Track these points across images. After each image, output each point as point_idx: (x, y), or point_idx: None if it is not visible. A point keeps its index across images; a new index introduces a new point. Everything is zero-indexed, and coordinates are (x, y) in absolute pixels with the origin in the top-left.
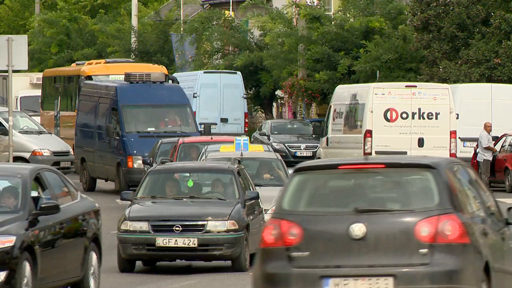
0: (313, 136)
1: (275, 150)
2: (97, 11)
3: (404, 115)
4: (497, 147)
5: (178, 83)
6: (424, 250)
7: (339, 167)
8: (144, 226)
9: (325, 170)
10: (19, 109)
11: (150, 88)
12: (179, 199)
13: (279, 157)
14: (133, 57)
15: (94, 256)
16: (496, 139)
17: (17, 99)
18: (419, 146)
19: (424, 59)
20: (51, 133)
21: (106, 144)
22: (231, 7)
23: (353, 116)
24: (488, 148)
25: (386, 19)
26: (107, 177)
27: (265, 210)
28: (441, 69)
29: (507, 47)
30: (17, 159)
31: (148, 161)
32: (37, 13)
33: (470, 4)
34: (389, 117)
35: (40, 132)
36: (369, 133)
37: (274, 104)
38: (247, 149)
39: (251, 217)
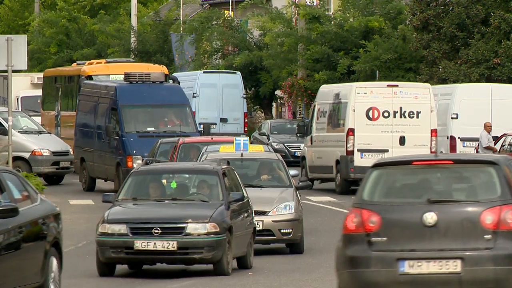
0: (298, 135)
1: (275, 150)
2: (97, 11)
3: (386, 114)
4: (497, 147)
5: (179, 83)
6: (488, 236)
7: (413, 163)
8: (122, 229)
9: (400, 165)
10: (20, 109)
11: (149, 88)
12: (160, 201)
13: (280, 158)
14: (133, 57)
15: (54, 261)
16: (496, 139)
17: (18, 99)
18: (400, 144)
19: (424, 59)
20: (50, 133)
21: (105, 144)
22: (230, 7)
23: (336, 115)
24: (488, 148)
25: (386, 19)
26: (106, 177)
27: (266, 212)
28: (440, 69)
29: (506, 47)
30: (16, 159)
31: (148, 161)
32: (36, 13)
33: (469, 4)
34: (371, 116)
35: (39, 132)
36: (351, 131)
37: (274, 104)
38: (247, 150)
39: (237, 219)
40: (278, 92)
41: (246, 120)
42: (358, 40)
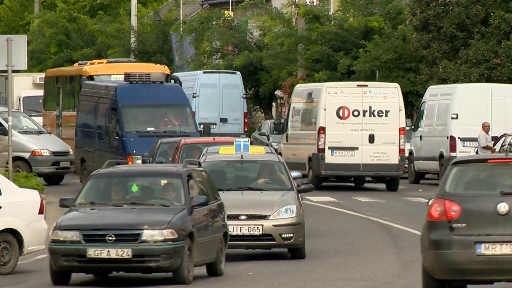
0: (274, 132)
1: (276, 150)
2: (97, 11)
3: (356, 113)
4: (497, 147)
5: (181, 83)
6: None
7: (488, 160)
8: (75, 235)
9: (476, 163)
10: (22, 109)
11: (149, 88)
12: (119, 206)
13: (281, 159)
14: (133, 57)
15: None
16: (495, 139)
17: (20, 99)
18: (369, 142)
19: (424, 59)
20: (50, 133)
21: (105, 144)
22: (230, 7)
23: (308, 114)
24: (486, 148)
25: (386, 19)
26: None
27: (266, 216)
28: (440, 69)
29: (506, 47)
30: (16, 159)
31: (148, 161)
32: (36, 13)
33: (469, 4)
34: (341, 115)
35: (39, 132)
36: (322, 129)
37: (274, 104)
38: (247, 151)
39: (201, 224)
40: (278, 92)
41: (246, 120)
42: (358, 40)
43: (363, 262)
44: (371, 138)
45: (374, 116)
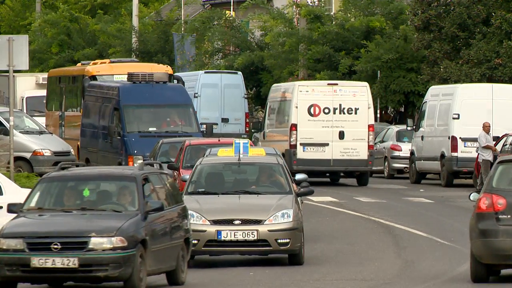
0: (253, 131)
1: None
2: (97, 11)
3: (326, 110)
4: (498, 147)
5: (184, 83)
6: None
7: None
8: (18, 244)
9: None
10: (25, 110)
11: (152, 88)
12: (68, 212)
13: (281, 162)
14: (134, 57)
15: None
16: (497, 139)
17: (23, 99)
18: (340, 139)
19: (425, 59)
20: (52, 133)
21: (108, 144)
22: (232, 7)
23: (282, 112)
24: (486, 147)
25: (387, 19)
26: None
27: (261, 220)
28: (442, 69)
29: (508, 47)
30: (18, 159)
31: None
32: (37, 12)
33: (471, 4)
34: (312, 112)
35: (41, 132)
36: (294, 126)
37: None
38: (247, 153)
39: (157, 231)
40: None
41: (247, 120)
42: (359, 40)
43: (364, 262)
44: (341, 135)
45: (344, 113)
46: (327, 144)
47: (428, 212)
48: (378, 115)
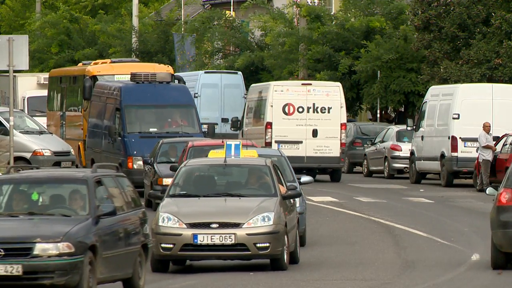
0: (232, 129)
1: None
2: (98, 11)
3: (300, 109)
4: (498, 147)
5: (185, 82)
6: None
7: None
8: None
9: None
10: (26, 110)
11: (154, 88)
12: (14, 217)
13: (269, 164)
14: (134, 57)
15: None
16: (497, 139)
17: (24, 99)
18: (313, 136)
19: (425, 59)
20: (52, 133)
21: (110, 145)
22: (232, 7)
23: (258, 110)
24: (486, 147)
25: (387, 19)
26: None
27: (239, 224)
28: (442, 69)
29: (508, 47)
30: (18, 159)
31: (149, 161)
32: (37, 12)
33: (471, 4)
34: (287, 111)
35: (41, 132)
36: (269, 125)
37: None
38: (238, 154)
39: (110, 236)
40: None
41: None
42: (359, 40)
43: (364, 262)
44: (315, 133)
45: (317, 112)
46: (301, 142)
47: (428, 212)
48: (378, 115)
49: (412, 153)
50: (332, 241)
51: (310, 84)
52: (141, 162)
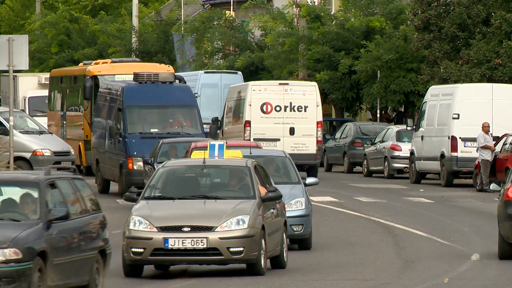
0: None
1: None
2: (98, 11)
3: (278, 108)
4: (498, 147)
5: (185, 82)
6: None
7: None
8: None
9: None
10: (27, 109)
11: (157, 89)
12: None
13: (250, 165)
14: (134, 56)
15: None
16: (496, 139)
17: (25, 99)
18: (290, 134)
19: (425, 59)
20: (52, 133)
21: (113, 145)
22: (231, 7)
23: (238, 110)
24: (485, 147)
25: (387, 19)
26: (114, 179)
27: (212, 227)
28: (442, 70)
29: (507, 47)
30: (18, 159)
31: (149, 161)
32: (37, 13)
33: (470, 4)
34: (265, 110)
35: (40, 132)
36: (248, 123)
37: None
38: (222, 155)
39: (64, 241)
40: None
41: None
42: (359, 40)
43: (364, 262)
44: (292, 131)
45: (294, 111)
46: (278, 140)
47: (428, 212)
48: (378, 115)
49: (412, 153)
50: (332, 241)
51: (287, 84)
52: (141, 163)
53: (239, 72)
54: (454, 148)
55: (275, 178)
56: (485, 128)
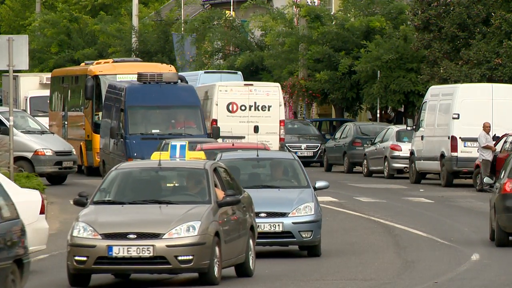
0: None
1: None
2: (98, 11)
3: (243, 107)
4: (498, 147)
5: (187, 82)
6: None
7: None
8: None
9: None
10: (28, 110)
11: (160, 89)
12: None
13: (208, 167)
14: (134, 56)
15: None
16: (497, 139)
17: (26, 99)
18: (254, 132)
19: (425, 59)
20: (53, 133)
21: (115, 146)
22: (231, 7)
23: (205, 109)
24: (486, 147)
25: (387, 19)
26: None
27: (159, 234)
28: (442, 70)
29: (507, 47)
30: (19, 159)
31: None
32: (37, 13)
33: (470, 4)
34: (231, 109)
35: (42, 132)
36: (214, 121)
37: None
38: (183, 156)
39: None
40: None
41: None
42: (359, 40)
43: (364, 262)
44: (256, 129)
45: (258, 110)
46: (243, 137)
47: (428, 212)
48: (378, 115)
49: (412, 153)
50: (332, 241)
51: (252, 84)
52: None
53: (239, 72)
54: (454, 148)
55: (283, 181)
56: (486, 128)
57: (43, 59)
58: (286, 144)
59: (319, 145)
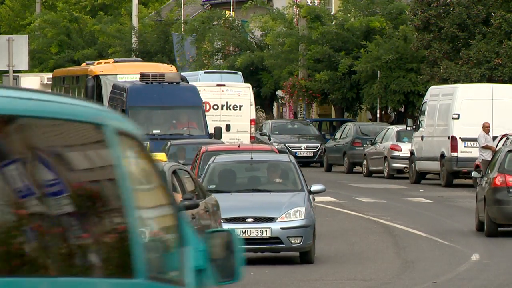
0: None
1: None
2: (98, 11)
3: (216, 107)
4: (498, 147)
5: (188, 82)
6: None
7: None
8: None
9: None
10: None
11: (162, 89)
12: None
13: (166, 169)
14: (133, 57)
15: None
16: (494, 139)
17: None
18: (226, 130)
19: (425, 59)
20: None
21: None
22: (231, 7)
23: None
24: (485, 147)
25: (387, 19)
26: None
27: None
28: (441, 70)
29: (507, 47)
30: None
31: None
32: (37, 13)
33: (470, 4)
34: (204, 108)
35: None
36: None
37: (275, 104)
38: None
39: None
40: (279, 92)
41: None
42: (359, 40)
43: (363, 262)
44: (228, 127)
45: (230, 109)
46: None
47: (428, 212)
48: (378, 115)
49: (412, 153)
50: (331, 241)
51: (224, 85)
52: None
53: (239, 72)
54: (454, 148)
55: (276, 184)
56: (486, 128)
57: (43, 59)
58: (286, 144)
59: (319, 145)
